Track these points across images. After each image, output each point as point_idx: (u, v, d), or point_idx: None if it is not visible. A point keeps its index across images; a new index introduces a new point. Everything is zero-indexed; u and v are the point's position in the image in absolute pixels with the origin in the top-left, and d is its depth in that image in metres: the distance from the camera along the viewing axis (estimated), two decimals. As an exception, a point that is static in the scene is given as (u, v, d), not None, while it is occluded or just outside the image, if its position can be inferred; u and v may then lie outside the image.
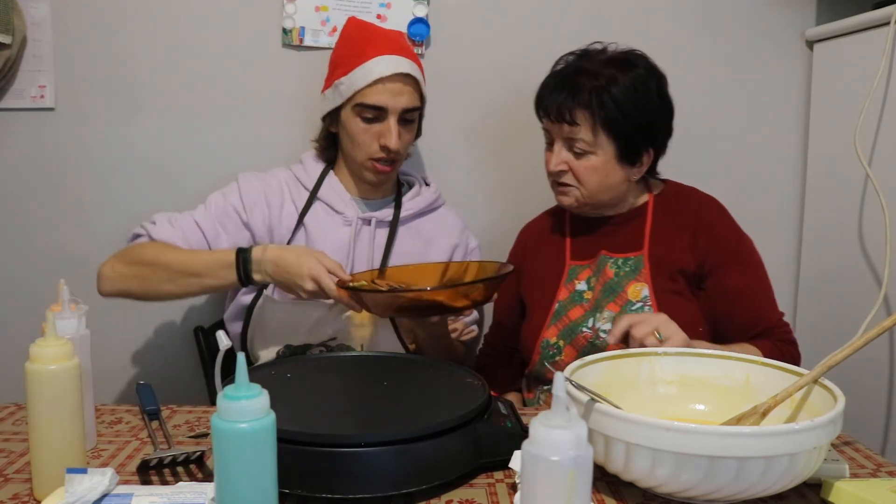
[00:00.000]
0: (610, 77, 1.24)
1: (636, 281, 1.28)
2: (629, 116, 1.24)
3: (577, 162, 1.27)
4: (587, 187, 1.28)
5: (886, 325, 0.87)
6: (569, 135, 1.26)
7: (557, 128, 1.27)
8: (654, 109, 1.27)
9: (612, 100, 1.23)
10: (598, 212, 1.35)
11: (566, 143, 1.27)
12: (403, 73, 1.35)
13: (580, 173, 1.27)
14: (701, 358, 1.01)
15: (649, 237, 1.31)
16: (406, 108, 1.36)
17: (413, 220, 1.47)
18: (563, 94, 1.25)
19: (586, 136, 1.25)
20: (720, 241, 1.29)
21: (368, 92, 1.33)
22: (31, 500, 0.81)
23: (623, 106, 1.23)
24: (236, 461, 0.65)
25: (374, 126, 1.35)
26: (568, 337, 1.30)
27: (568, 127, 1.25)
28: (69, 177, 1.72)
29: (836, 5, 1.73)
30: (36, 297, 1.53)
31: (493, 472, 0.89)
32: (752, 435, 0.74)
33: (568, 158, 1.28)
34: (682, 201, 1.34)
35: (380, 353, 1.21)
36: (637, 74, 1.26)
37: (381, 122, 1.35)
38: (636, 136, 1.26)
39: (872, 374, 1.47)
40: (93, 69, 1.69)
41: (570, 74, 1.27)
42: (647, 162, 1.30)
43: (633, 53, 1.30)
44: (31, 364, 0.78)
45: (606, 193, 1.30)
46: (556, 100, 1.26)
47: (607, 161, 1.26)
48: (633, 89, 1.24)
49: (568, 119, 1.24)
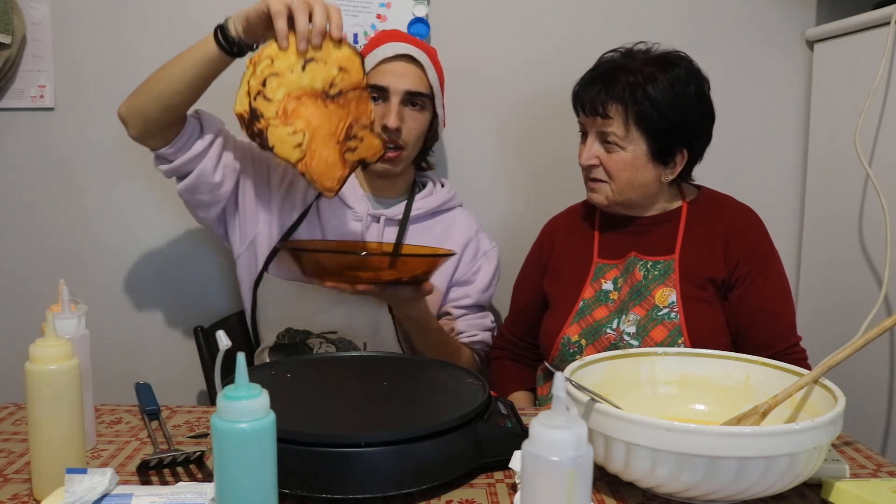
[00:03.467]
0: (648, 75, 1.24)
1: (664, 286, 1.27)
2: (664, 114, 1.23)
3: (608, 156, 1.27)
4: (617, 183, 1.28)
5: (886, 325, 0.87)
6: (601, 128, 1.26)
7: (591, 121, 1.27)
8: (690, 110, 1.26)
9: (646, 96, 1.23)
10: (629, 211, 1.34)
11: (599, 136, 1.28)
12: (406, 54, 1.35)
13: (610, 167, 1.27)
14: (701, 358, 1.01)
15: (681, 243, 1.30)
16: (410, 91, 1.35)
17: (424, 219, 1.45)
18: (597, 87, 1.26)
19: (618, 129, 1.24)
20: (752, 252, 1.28)
21: (372, 74, 1.33)
22: (30, 500, 0.81)
23: (658, 103, 1.23)
24: (236, 461, 0.65)
25: (377, 109, 1.34)
26: (591, 337, 1.29)
27: (601, 120, 1.25)
28: (69, 177, 1.72)
29: (836, 5, 1.73)
30: (36, 297, 1.53)
31: (493, 472, 0.89)
32: (752, 435, 0.74)
33: (599, 152, 1.28)
34: (718, 209, 1.33)
35: (380, 353, 1.21)
36: (676, 74, 1.25)
37: (384, 105, 1.35)
38: (670, 136, 1.25)
39: (872, 375, 1.47)
40: (93, 69, 1.69)
41: (608, 70, 1.27)
42: (679, 163, 1.29)
43: (676, 54, 1.29)
44: (31, 364, 0.78)
45: (637, 191, 1.29)
46: (590, 93, 1.26)
47: (638, 157, 1.26)
48: (669, 88, 1.24)
49: (601, 112, 1.24)
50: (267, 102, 1.17)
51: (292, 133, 1.18)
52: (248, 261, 1.43)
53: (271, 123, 1.17)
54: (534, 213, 1.64)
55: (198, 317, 1.66)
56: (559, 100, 1.60)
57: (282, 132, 1.18)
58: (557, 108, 1.73)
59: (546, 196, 1.71)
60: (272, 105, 1.17)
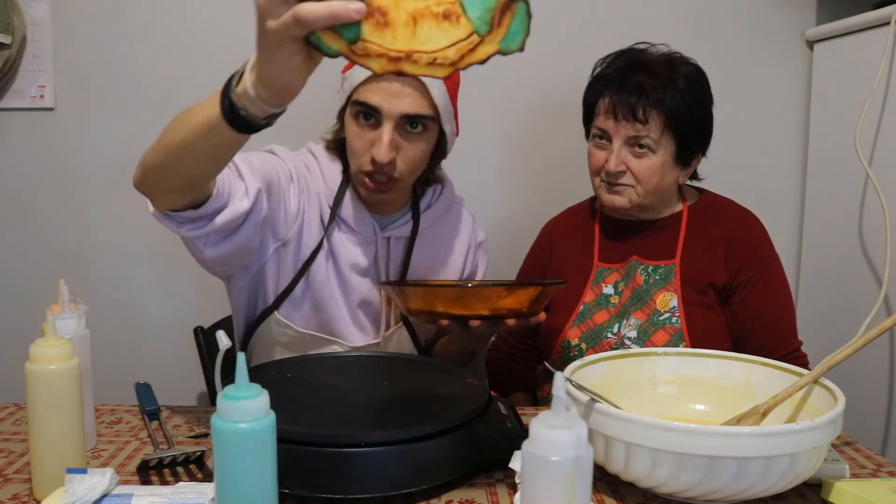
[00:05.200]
0: (671, 76, 1.23)
1: (665, 290, 1.27)
2: (693, 114, 1.24)
3: (636, 161, 1.24)
4: (644, 187, 1.26)
5: (886, 325, 0.87)
6: (634, 133, 1.23)
7: (621, 126, 1.24)
8: (708, 109, 1.27)
9: (680, 97, 1.22)
10: (643, 214, 1.33)
11: (627, 142, 1.24)
12: None
13: (640, 173, 1.25)
14: (701, 358, 1.01)
15: (682, 247, 1.29)
16: (406, 115, 1.13)
17: (431, 227, 1.34)
18: (631, 92, 1.22)
19: (654, 134, 1.23)
20: (753, 258, 1.28)
21: (364, 89, 1.15)
22: (30, 500, 0.81)
23: (688, 104, 1.23)
24: (236, 461, 0.65)
25: (368, 133, 1.16)
26: (591, 341, 1.29)
27: (638, 126, 1.23)
28: (69, 177, 1.72)
29: (836, 5, 1.73)
30: (36, 297, 1.53)
31: (493, 472, 0.89)
32: (752, 435, 0.74)
33: (626, 158, 1.25)
34: (719, 213, 1.33)
35: (380, 353, 1.20)
36: (690, 72, 1.26)
37: (376, 130, 1.15)
38: (694, 136, 1.26)
39: (872, 375, 1.47)
40: (93, 69, 1.69)
41: (628, 73, 1.25)
42: (695, 164, 1.30)
43: (677, 53, 1.29)
44: (31, 364, 0.78)
45: (658, 195, 1.29)
46: (625, 99, 1.22)
47: (665, 161, 1.25)
48: (690, 88, 1.24)
49: (641, 118, 1.22)
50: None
51: None
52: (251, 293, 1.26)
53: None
54: (531, 215, 1.64)
55: (198, 317, 1.66)
56: (556, 100, 1.61)
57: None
58: (555, 107, 1.73)
59: (543, 197, 1.71)
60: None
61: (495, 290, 1.08)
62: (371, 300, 1.28)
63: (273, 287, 1.24)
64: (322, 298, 1.25)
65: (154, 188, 0.96)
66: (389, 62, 0.68)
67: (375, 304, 1.29)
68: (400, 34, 0.68)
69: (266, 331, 1.27)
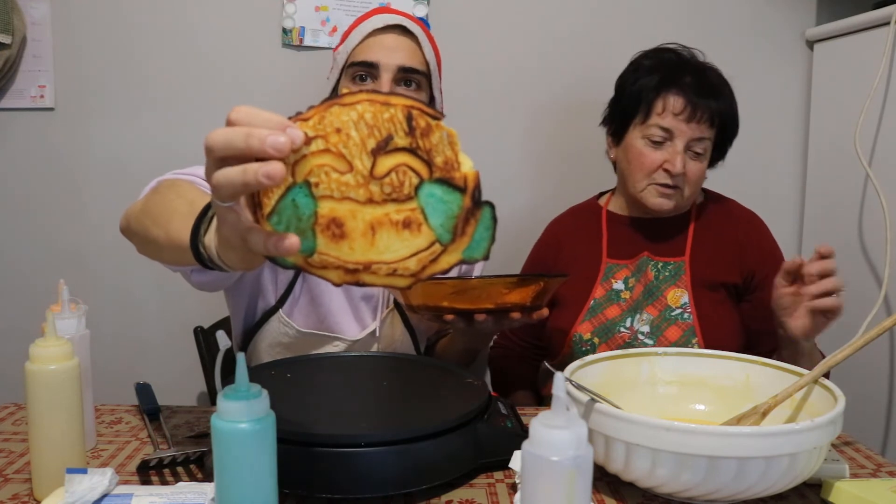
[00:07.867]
0: (720, 81, 1.25)
1: (676, 287, 1.28)
2: (735, 117, 1.27)
3: (691, 163, 1.24)
4: (691, 190, 1.26)
5: (886, 325, 0.87)
6: (700, 135, 1.22)
7: (690, 127, 1.22)
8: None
9: (731, 99, 1.25)
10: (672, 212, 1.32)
11: (686, 144, 1.23)
12: (398, 24, 1.18)
13: (694, 176, 1.25)
14: (701, 358, 1.01)
15: (691, 245, 1.30)
16: (404, 66, 1.16)
17: None
18: (705, 95, 1.21)
19: (711, 136, 1.25)
20: (767, 259, 1.29)
21: (359, 49, 1.16)
22: (30, 500, 0.81)
23: (734, 106, 1.26)
24: (236, 461, 0.65)
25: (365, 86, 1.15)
26: (604, 335, 1.29)
27: (704, 127, 1.22)
28: (69, 177, 1.72)
29: (836, 5, 1.73)
30: (36, 297, 1.53)
31: (493, 472, 0.89)
32: (752, 435, 0.74)
33: (684, 159, 1.24)
34: (726, 215, 1.34)
35: (380, 353, 1.20)
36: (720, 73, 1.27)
37: (374, 83, 1.16)
38: (729, 142, 1.29)
39: (872, 374, 1.47)
40: (93, 69, 1.69)
41: (690, 74, 1.23)
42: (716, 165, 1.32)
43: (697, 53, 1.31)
44: (31, 364, 0.78)
45: (694, 198, 1.31)
46: (703, 101, 1.21)
47: (706, 163, 1.27)
48: (728, 87, 1.26)
49: (715, 122, 1.23)
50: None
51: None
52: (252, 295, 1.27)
53: None
54: (532, 213, 1.64)
55: (198, 317, 1.66)
56: (560, 97, 1.61)
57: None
58: (559, 104, 1.73)
59: (546, 194, 1.71)
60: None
61: (501, 281, 1.08)
62: (372, 292, 1.29)
63: (273, 287, 1.25)
64: (319, 294, 1.25)
65: (138, 248, 0.94)
66: (347, 273, 0.63)
67: (376, 296, 1.30)
68: (357, 245, 0.62)
69: (267, 331, 1.27)
